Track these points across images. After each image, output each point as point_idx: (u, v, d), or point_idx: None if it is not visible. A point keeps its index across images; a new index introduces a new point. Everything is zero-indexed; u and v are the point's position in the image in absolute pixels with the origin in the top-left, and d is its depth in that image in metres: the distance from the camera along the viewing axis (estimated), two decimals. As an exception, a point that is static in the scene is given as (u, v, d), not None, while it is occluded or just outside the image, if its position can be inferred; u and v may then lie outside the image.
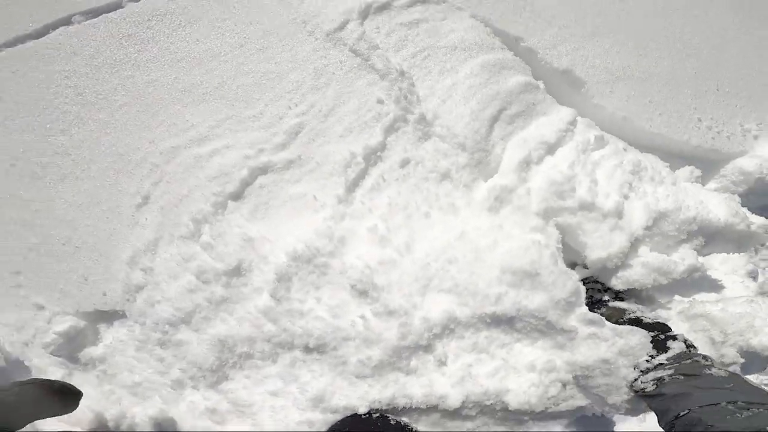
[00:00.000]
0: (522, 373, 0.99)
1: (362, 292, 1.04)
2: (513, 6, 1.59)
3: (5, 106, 1.54)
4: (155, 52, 1.56)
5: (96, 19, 1.68)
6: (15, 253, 1.39)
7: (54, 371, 1.32)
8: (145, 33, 1.61)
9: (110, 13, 1.69)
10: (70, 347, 1.33)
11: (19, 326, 1.34)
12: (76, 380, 1.35)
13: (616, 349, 1.04)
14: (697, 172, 1.39)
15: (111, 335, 1.34)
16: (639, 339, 1.05)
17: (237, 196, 1.22)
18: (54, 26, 1.68)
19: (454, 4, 1.51)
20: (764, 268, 1.56)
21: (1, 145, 1.47)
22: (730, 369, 1.27)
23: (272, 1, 1.57)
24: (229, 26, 1.57)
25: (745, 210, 1.30)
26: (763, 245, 1.56)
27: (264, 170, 1.22)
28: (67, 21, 1.70)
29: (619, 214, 1.13)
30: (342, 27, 1.38)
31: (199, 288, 1.20)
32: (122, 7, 1.69)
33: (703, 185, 1.41)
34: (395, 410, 1.11)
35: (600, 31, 1.64)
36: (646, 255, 1.18)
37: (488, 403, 1.01)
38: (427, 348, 1.04)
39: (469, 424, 1.13)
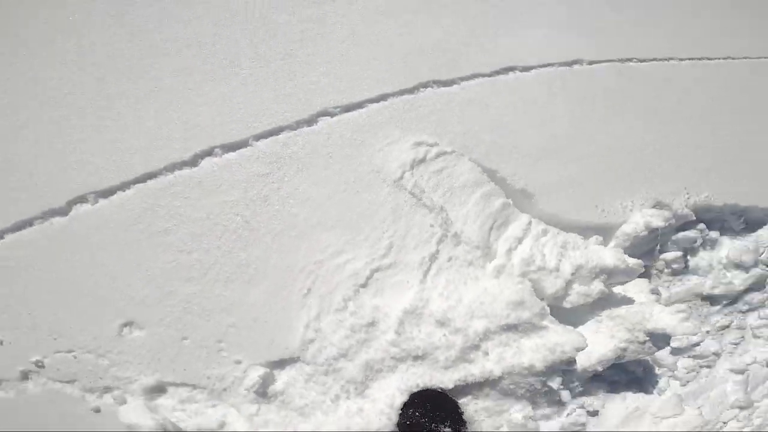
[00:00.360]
0: (527, 353, 2.29)
1: (443, 323, 2.34)
2: (490, 147, 2.82)
3: (187, 228, 2.29)
4: (289, 191, 2.42)
5: (234, 153, 2.46)
6: (218, 330, 2.19)
7: (247, 407, 2.13)
8: (276, 173, 2.46)
9: (258, 147, 2.52)
10: (263, 387, 2.18)
11: (220, 377, 2.15)
12: (263, 410, 2.16)
13: (563, 338, 2.35)
14: (600, 238, 2.75)
15: (285, 375, 2.22)
16: (576, 336, 2.37)
17: (365, 285, 2.38)
18: (201, 156, 2.41)
19: (458, 152, 2.74)
20: (667, 287, 2.96)
21: (196, 258, 2.27)
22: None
23: (354, 152, 2.60)
24: (331, 174, 2.51)
25: (626, 256, 2.69)
26: (662, 272, 2.99)
27: (377, 270, 2.41)
28: (210, 152, 2.41)
29: (557, 269, 2.51)
30: (401, 177, 2.59)
31: (351, 336, 2.25)
32: (250, 145, 2.52)
33: (605, 245, 2.80)
34: (467, 386, 2.37)
35: (544, 154, 2.88)
36: (577, 288, 2.54)
37: (516, 371, 2.30)
38: (477, 347, 2.34)
39: (504, 398, 2.39)
